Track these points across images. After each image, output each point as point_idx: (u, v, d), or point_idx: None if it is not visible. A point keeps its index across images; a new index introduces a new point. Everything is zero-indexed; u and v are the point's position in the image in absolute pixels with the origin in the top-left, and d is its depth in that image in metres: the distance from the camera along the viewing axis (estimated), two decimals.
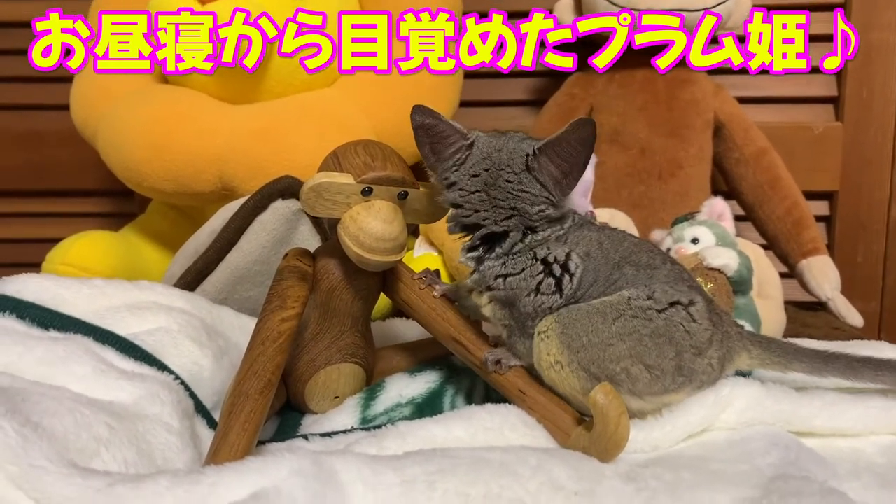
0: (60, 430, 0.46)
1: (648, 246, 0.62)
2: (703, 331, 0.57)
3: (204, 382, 0.63)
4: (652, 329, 0.56)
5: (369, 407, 0.65)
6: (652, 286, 0.57)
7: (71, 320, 0.60)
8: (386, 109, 0.99)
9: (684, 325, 0.56)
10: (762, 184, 1.14)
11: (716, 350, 0.58)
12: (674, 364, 0.56)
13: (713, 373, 0.58)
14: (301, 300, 0.59)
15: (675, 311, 0.56)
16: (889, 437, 0.59)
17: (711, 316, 0.58)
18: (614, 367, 0.56)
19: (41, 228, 1.37)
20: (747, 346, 0.61)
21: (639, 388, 0.56)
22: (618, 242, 0.61)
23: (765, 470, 0.51)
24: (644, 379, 0.56)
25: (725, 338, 0.59)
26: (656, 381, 0.56)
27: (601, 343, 0.56)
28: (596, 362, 0.56)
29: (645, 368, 0.56)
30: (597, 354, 0.56)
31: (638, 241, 0.62)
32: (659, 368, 0.56)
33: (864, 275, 1.28)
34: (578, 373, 0.56)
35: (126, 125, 0.96)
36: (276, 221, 0.76)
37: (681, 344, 0.56)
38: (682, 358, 0.56)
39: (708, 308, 0.59)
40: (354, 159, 0.58)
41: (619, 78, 1.15)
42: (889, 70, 1.25)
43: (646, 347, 0.55)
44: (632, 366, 0.56)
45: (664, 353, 0.56)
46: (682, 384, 0.57)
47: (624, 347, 0.55)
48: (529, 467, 0.47)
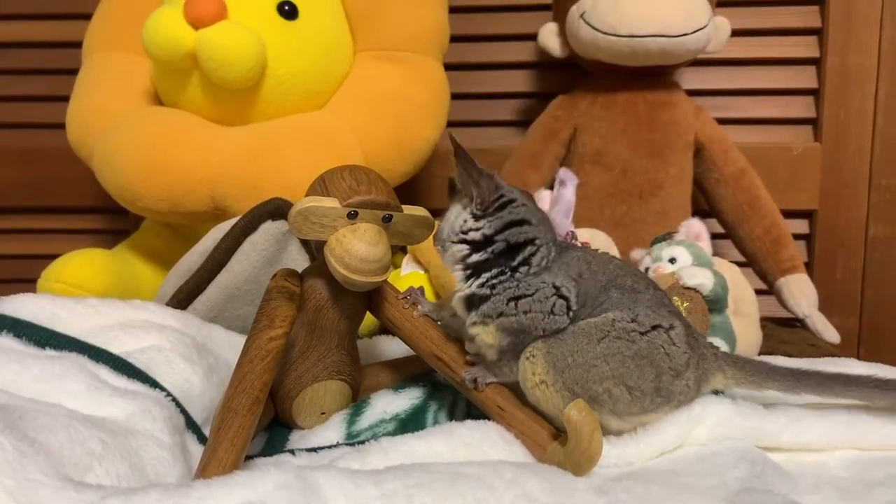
0: (56, 446, 0.48)
1: (632, 270, 0.65)
2: (682, 354, 0.59)
3: (194, 399, 0.65)
4: (635, 351, 0.58)
5: (354, 423, 0.67)
6: (636, 309, 0.60)
7: (66, 339, 0.62)
8: (376, 130, 1.02)
9: (665, 347, 0.59)
10: (741, 203, 1.16)
11: (692, 372, 0.60)
12: (653, 385, 0.58)
13: (690, 393, 0.60)
14: (289, 319, 0.61)
15: (656, 335, 0.59)
16: (853, 451, 0.61)
17: (689, 339, 0.61)
18: (597, 388, 0.58)
19: (37, 245, 1.39)
20: (722, 367, 0.63)
21: (619, 408, 0.58)
22: (604, 265, 0.63)
23: (731, 484, 0.53)
24: (625, 399, 0.58)
25: (702, 360, 0.61)
26: (636, 402, 0.58)
27: (585, 364, 0.58)
28: (580, 382, 0.58)
29: (626, 389, 0.58)
30: (581, 375, 0.58)
31: (621, 264, 0.64)
32: (639, 389, 0.58)
33: (843, 291, 1.31)
34: (563, 392, 0.58)
35: (121, 145, 0.98)
36: (265, 242, 0.78)
37: (661, 366, 0.58)
38: (662, 379, 0.58)
39: (686, 332, 0.61)
40: (340, 184, 0.60)
41: (602, 100, 1.18)
42: (865, 92, 1.29)
43: (628, 369, 0.58)
44: (614, 386, 0.58)
45: (645, 374, 0.58)
46: (660, 404, 0.59)
47: (607, 368, 0.57)
48: (504, 481, 0.49)
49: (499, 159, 1.25)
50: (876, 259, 1.31)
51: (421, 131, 1.05)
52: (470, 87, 1.34)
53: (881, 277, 1.31)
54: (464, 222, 0.62)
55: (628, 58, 1.11)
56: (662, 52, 1.09)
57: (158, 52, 0.95)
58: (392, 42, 1.06)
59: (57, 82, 1.30)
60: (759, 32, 1.31)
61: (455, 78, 1.15)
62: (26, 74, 1.40)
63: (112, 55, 1.11)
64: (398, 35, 1.06)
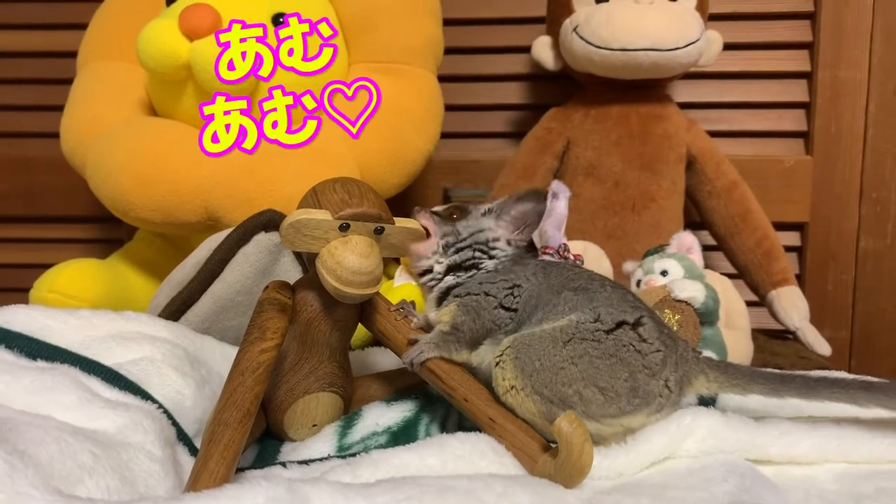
0: (46, 458, 0.48)
1: (587, 273, 0.66)
2: (655, 351, 0.59)
3: (186, 411, 0.65)
4: (602, 350, 0.58)
5: (346, 435, 0.67)
6: (597, 309, 0.60)
7: (58, 350, 0.62)
8: (370, 142, 1.02)
9: (634, 344, 0.59)
10: (733, 216, 1.17)
11: (671, 371, 0.60)
12: (628, 385, 0.58)
13: (671, 395, 0.60)
14: (280, 331, 0.61)
15: (622, 332, 0.59)
16: (842, 464, 0.61)
17: (662, 337, 0.61)
18: (566, 390, 0.58)
19: (30, 254, 1.39)
20: (704, 370, 0.63)
21: (592, 410, 0.58)
22: (559, 271, 0.66)
23: (720, 497, 0.53)
24: (598, 401, 0.58)
25: (681, 361, 0.61)
26: (610, 403, 0.58)
27: (553, 367, 0.58)
28: (549, 385, 0.58)
29: (598, 391, 0.58)
30: (549, 378, 0.58)
31: (579, 271, 0.67)
32: (613, 390, 0.58)
33: (835, 303, 1.32)
34: (533, 396, 0.59)
35: (114, 156, 0.98)
36: (258, 253, 0.78)
37: (633, 364, 0.58)
38: (636, 379, 0.58)
39: (658, 328, 0.61)
40: (332, 196, 0.61)
41: (595, 113, 1.19)
42: (856, 106, 1.30)
43: (597, 369, 0.58)
44: (584, 388, 0.58)
45: (616, 374, 0.58)
46: (638, 406, 0.59)
47: (576, 370, 0.58)
48: (495, 494, 0.49)
49: (492, 170, 1.26)
50: (867, 271, 1.32)
51: (415, 143, 1.05)
52: (464, 99, 1.35)
53: (872, 290, 1.32)
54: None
55: (621, 71, 1.12)
56: (654, 65, 1.10)
57: (153, 63, 0.95)
58: (386, 54, 1.07)
59: (51, 92, 1.31)
60: (750, 46, 1.33)
61: (449, 89, 1.16)
62: (20, 84, 1.41)
63: (107, 65, 1.11)
64: (392, 47, 1.07)
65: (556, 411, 0.58)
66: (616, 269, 1.02)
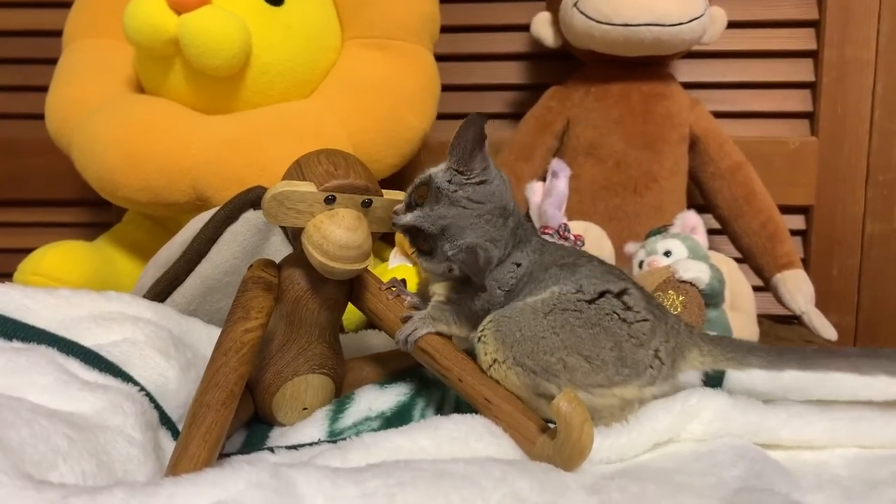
0: (16, 442, 0.45)
1: (580, 252, 0.64)
2: (642, 320, 0.58)
3: (170, 394, 0.62)
4: (584, 319, 0.57)
5: (338, 420, 0.64)
6: (579, 280, 0.59)
7: (35, 330, 0.59)
8: (364, 120, 0.99)
9: (618, 312, 0.57)
10: (737, 198, 1.15)
11: (661, 342, 0.58)
12: (614, 354, 0.57)
13: (663, 367, 0.58)
14: (265, 311, 0.58)
15: (605, 301, 0.58)
16: (855, 449, 0.59)
17: (650, 307, 0.59)
18: (549, 359, 0.57)
19: (17, 238, 1.36)
20: (698, 343, 0.61)
21: (578, 377, 0.57)
22: (553, 250, 0.64)
23: (730, 482, 0.51)
24: (583, 369, 0.56)
25: (672, 332, 0.59)
26: (597, 371, 0.57)
27: (533, 336, 0.57)
28: (530, 356, 0.57)
29: (583, 359, 0.56)
30: (530, 347, 0.57)
31: (571, 249, 0.65)
32: (598, 358, 0.56)
33: (840, 289, 1.30)
34: (515, 368, 0.57)
35: (101, 134, 0.95)
36: (247, 232, 0.75)
37: (618, 333, 0.57)
38: (622, 348, 0.57)
39: (645, 299, 0.59)
40: (317, 168, 0.58)
41: (596, 91, 1.16)
42: (863, 86, 1.27)
43: (580, 338, 0.56)
44: (567, 356, 0.56)
45: (600, 342, 0.57)
46: (628, 376, 0.57)
47: (557, 339, 0.57)
48: (493, 479, 0.47)
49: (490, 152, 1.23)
50: (873, 256, 1.29)
51: (411, 121, 1.03)
52: (461, 79, 1.32)
53: (878, 274, 1.29)
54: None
55: (622, 47, 1.09)
56: (657, 41, 1.07)
57: (139, 38, 0.93)
58: (381, 29, 1.04)
59: (37, 72, 1.27)
60: (755, 24, 1.29)
61: (446, 69, 1.13)
62: (4, 64, 1.37)
63: (93, 42, 1.08)
64: (387, 22, 1.04)
65: (540, 383, 0.57)
66: (618, 252, 0.99)
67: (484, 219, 0.59)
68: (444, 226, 0.59)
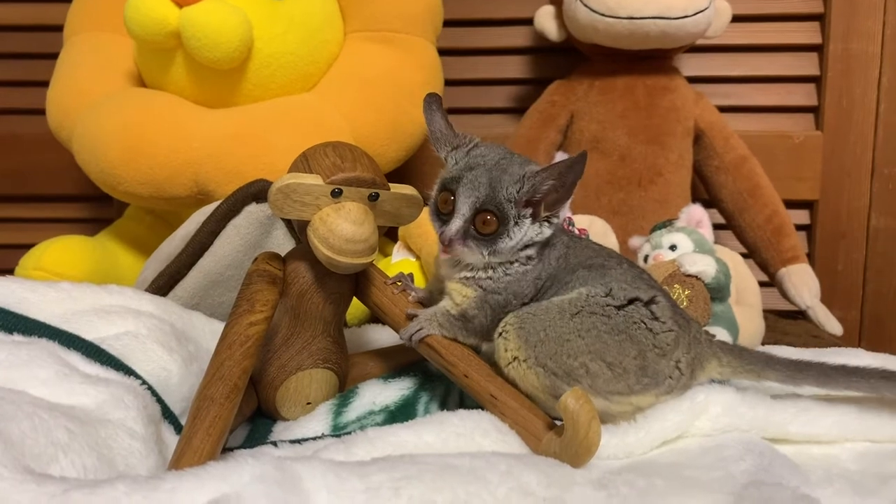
0: (17, 435, 0.45)
1: (606, 251, 0.63)
2: (667, 331, 0.57)
3: (172, 388, 0.61)
4: (611, 326, 0.56)
5: (341, 414, 0.64)
6: (609, 284, 0.58)
7: (36, 324, 0.59)
8: (367, 113, 0.99)
9: (645, 322, 0.56)
10: (742, 192, 1.14)
11: (683, 353, 0.57)
12: (637, 363, 0.56)
13: (682, 377, 0.58)
14: (270, 304, 0.58)
15: (634, 309, 0.57)
16: (863, 443, 0.59)
17: (676, 317, 0.58)
18: (572, 362, 0.56)
19: (19, 234, 1.35)
20: (717, 354, 0.60)
21: (599, 384, 0.56)
22: (580, 249, 0.62)
23: (738, 477, 0.51)
24: (605, 375, 0.56)
25: (694, 343, 0.59)
26: (619, 379, 0.56)
27: (558, 338, 0.56)
28: (553, 357, 0.56)
29: (606, 365, 0.55)
30: (553, 349, 0.56)
31: (598, 249, 0.63)
32: (620, 366, 0.55)
33: (845, 283, 1.29)
34: (536, 369, 0.56)
35: (102, 128, 0.95)
36: (249, 225, 0.75)
37: (643, 343, 0.56)
38: (646, 358, 0.56)
39: (672, 308, 0.58)
40: (323, 160, 0.57)
41: (600, 85, 1.15)
42: (868, 79, 1.26)
43: (605, 344, 0.55)
44: (590, 361, 0.55)
45: (625, 350, 0.55)
46: (647, 385, 0.57)
47: (582, 343, 0.55)
48: (499, 473, 0.46)
49: None
50: (878, 250, 1.28)
51: (414, 114, 1.02)
52: (465, 73, 1.31)
53: (883, 269, 1.28)
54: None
55: (627, 41, 1.08)
56: (662, 34, 1.06)
57: (140, 31, 0.92)
58: (383, 23, 1.03)
59: (39, 67, 1.26)
60: (760, 18, 1.29)
61: (449, 63, 1.12)
62: (6, 58, 1.36)
63: (94, 36, 1.08)
64: (390, 15, 1.03)
65: (560, 386, 0.56)
66: (622, 246, 0.98)
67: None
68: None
